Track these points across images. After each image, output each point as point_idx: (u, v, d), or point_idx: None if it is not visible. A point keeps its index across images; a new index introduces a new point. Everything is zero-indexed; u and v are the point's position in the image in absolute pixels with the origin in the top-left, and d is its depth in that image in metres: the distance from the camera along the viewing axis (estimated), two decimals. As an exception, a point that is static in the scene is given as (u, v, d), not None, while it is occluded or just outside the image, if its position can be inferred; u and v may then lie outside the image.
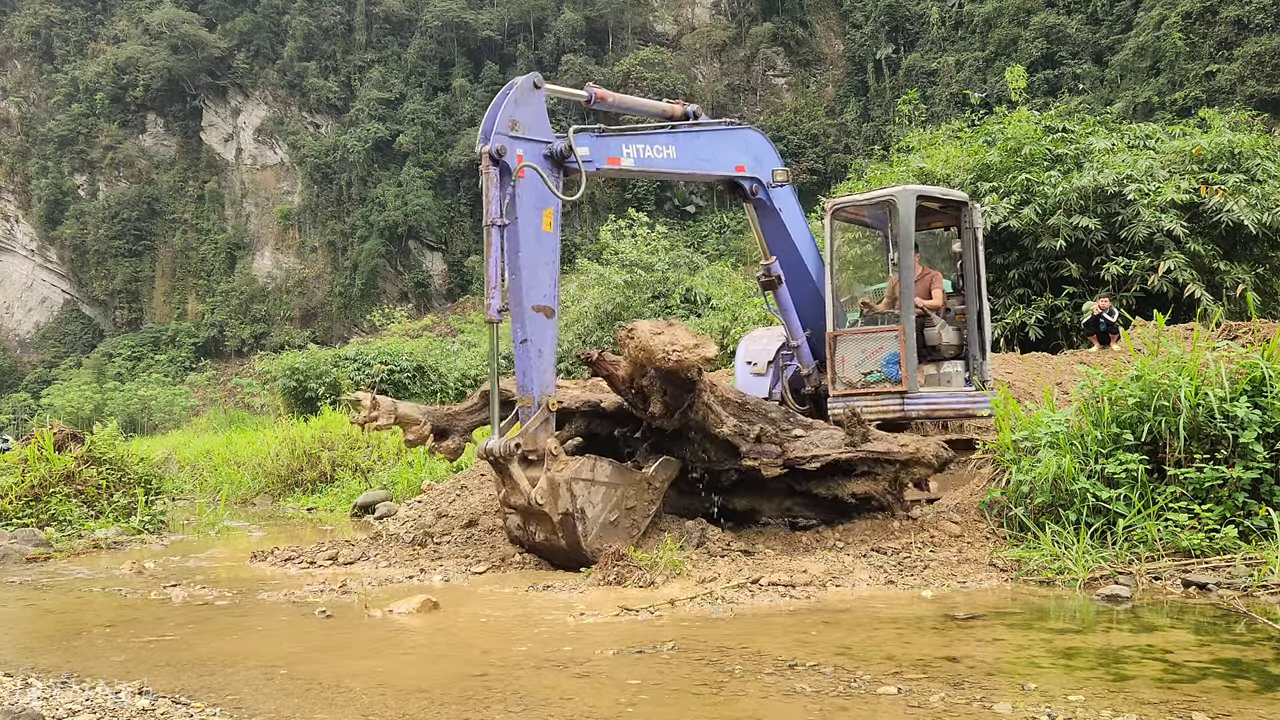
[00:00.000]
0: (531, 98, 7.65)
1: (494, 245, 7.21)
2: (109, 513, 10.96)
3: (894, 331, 8.84)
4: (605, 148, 8.05)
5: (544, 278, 7.52)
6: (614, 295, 23.87)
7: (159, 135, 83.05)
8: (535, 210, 7.46)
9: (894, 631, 4.82)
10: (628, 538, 7.25)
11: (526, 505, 7.09)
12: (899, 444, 7.12)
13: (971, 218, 9.43)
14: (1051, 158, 17.77)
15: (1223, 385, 6.26)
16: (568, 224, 67.98)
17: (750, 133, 9.26)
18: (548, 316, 7.49)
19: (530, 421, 7.22)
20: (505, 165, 7.32)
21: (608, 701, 3.72)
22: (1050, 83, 56.35)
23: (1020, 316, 16.47)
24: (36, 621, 6.03)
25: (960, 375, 9.29)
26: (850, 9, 76.13)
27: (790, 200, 9.40)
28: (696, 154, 8.73)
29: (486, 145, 7.36)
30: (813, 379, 9.55)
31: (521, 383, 7.46)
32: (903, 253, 8.92)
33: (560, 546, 7.14)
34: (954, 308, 9.64)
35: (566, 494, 7.00)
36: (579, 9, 76.68)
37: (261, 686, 4.10)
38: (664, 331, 6.87)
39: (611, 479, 7.30)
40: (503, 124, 7.40)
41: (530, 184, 7.42)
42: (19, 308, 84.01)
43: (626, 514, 7.35)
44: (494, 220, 7.21)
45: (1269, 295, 17.02)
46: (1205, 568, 5.67)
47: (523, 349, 7.44)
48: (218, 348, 75.48)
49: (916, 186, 9.47)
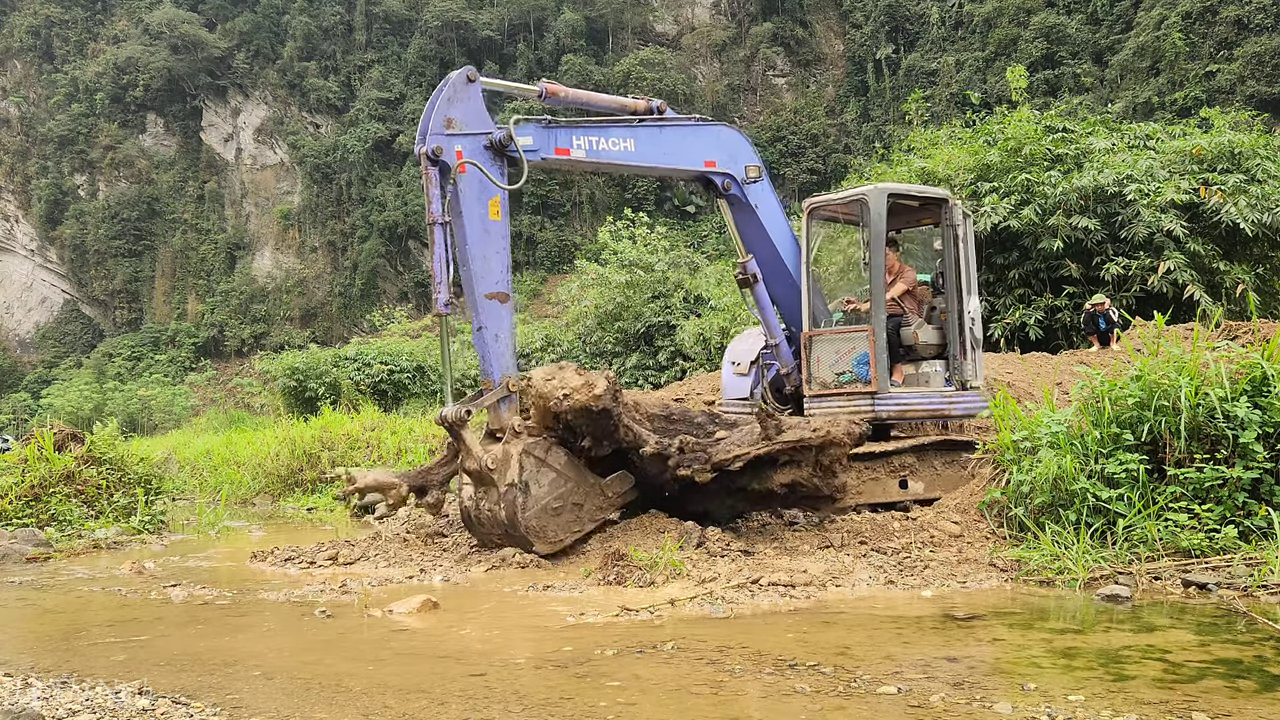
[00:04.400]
0: (466, 93, 7.70)
1: (438, 242, 7.34)
2: (109, 513, 10.95)
3: (864, 331, 8.77)
4: (553, 138, 8.04)
5: (495, 266, 7.67)
6: (614, 295, 23.85)
7: (159, 135, 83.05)
8: (480, 202, 7.59)
9: (894, 631, 4.82)
10: (567, 532, 7.38)
11: (478, 470, 7.26)
12: (811, 429, 7.26)
13: (952, 215, 9.29)
14: (1051, 158, 17.77)
15: (1223, 385, 6.26)
16: (567, 224, 68.10)
17: (724, 129, 9.18)
18: (502, 302, 7.66)
19: (488, 396, 7.45)
20: (444, 164, 7.44)
21: (608, 701, 3.72)
22: (1050, 83, 56.36)
23: (1020, 316, 16.47)
24: (36, 621, 6.03)
25: (940, 375, 9.18)
26: (850, 9, 76.12)
27: (768, 196, 9.29)
28: (660, 148, 8.66)
29: (423, 146, 7.47)
30: (792, 378, 9.45)
31: (482, 367, 7.68)
32: (873, 252, 8.81)
33: (500, 519, 7.27)
34: (938, 306, 9.53)
35: (516, 465, 7.18)
36: (579, 9, 76.69)
37: (261, 686, 4.10)
38: (554, 377, 7.26)
39: (565, 470, 7.44)
40: (437, 124, 7.50)
41: (471, 177, 7.56)
42: (19, 308, 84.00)
43: (572, 509, 7.45)
44: (435, 219, 7.36)
45: (1269, 295, 17.02)
46: (1205, 568, 5.67)
47: (480, 336, 7.64)
48: (218, 348, 75.48)
49: (889, 185, 9.39)
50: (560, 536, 7.38)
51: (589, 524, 7.59)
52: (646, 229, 24.97)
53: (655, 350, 22.74)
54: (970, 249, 9.58)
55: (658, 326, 22.92)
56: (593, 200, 69.93)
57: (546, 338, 26.22)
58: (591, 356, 24.40)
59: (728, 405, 10.12)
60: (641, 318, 23.18)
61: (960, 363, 9.17)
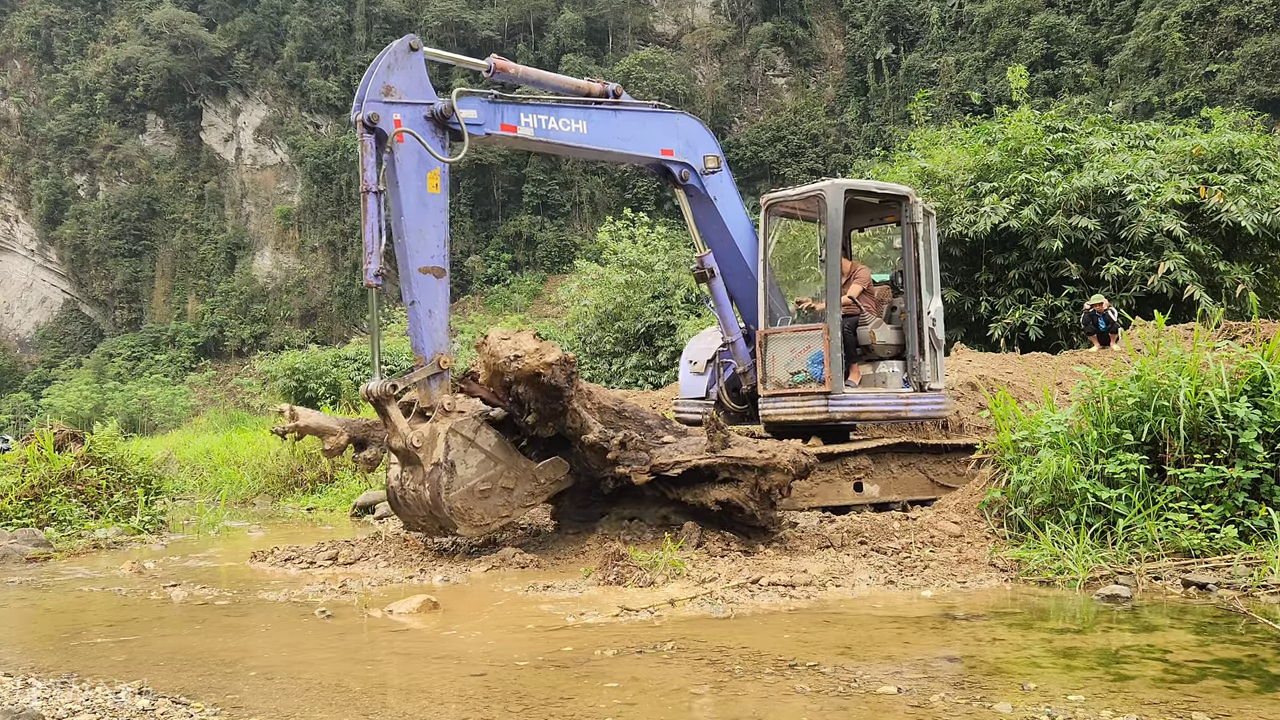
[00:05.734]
0: (408, 61, 7.45)
1: (371, 212, 7.14)
2: (109, 513, 10.95)
3: (819, 330, 8.60)
4: (499, 114, 7.81)
5: (431, 239, 7.43)
6: (614, 295, 23.86)
7: (159, 135, 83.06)
8: (418, 174, 7.35)
9: (894, 631, 4.82)
10: (494, 516, 7.17)
11: (405, 448, 7.04)
12: (757, 450, 6.98)
13: (912, 213, 9.11)
14: (1051, 158, 17.77)
15: (1223, 385, 6.26)
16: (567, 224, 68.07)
17: (683, 117, 8.97)
18: (437, 277, 7.44)
19: (418, 372, 7.24)
20: (380, 132, 7.23)
21: (608, 701, 3.72)
22: (1050, 83, 56.38)
23: (1020, 316, 16.47)
24: (36, 621, 6.03)
25: (897, 376, 9.04)
26: (850, 9, 76.13)
27: (727, 189, 9.10)
28: (614, 133, 8.43)
29: (359, 113, 7.22)
30: (749, 377, 9.26)
31: (414, 343, 7.44)
32: (829, 249, 8.66)
33: (424, 500, 7.06)
34: (898, 306, 9.37)
35: (443, 444, 6.95)
36: (579, 9, 76.71)
37: (261, 686, 4.10)
38: (509, 337, 6.98)
39: (495, 452, 7.19)
40: (375, 91, 7.26)
41: (409, 148, 7.31)
42: (19, 308, 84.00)
43: (501, 492, 7.20)
44: (369, 187, 7.14)
45: (1269, 295, 17.02)
46: (1205, 568, 5.67)
47: (412, 310, 7.40)
48: (218, 348, 75.50)
49: (847, 181, 9.16)
50: (486, 520, 7.16)
51: (518, 509, 7.35)
52: (646, 229, 24.98)
53: (655, 350, 22.75)
54: (932, 248, 9.38)
55: (658, 326, 22.92)
56: (593, 200, 69.92)
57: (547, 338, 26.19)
58: (591, 356, 24.41)
59: (684, 405, 9.90)
60: (641, 318, 23.17)
61: (918, 363, 8.99)
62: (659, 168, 8.92)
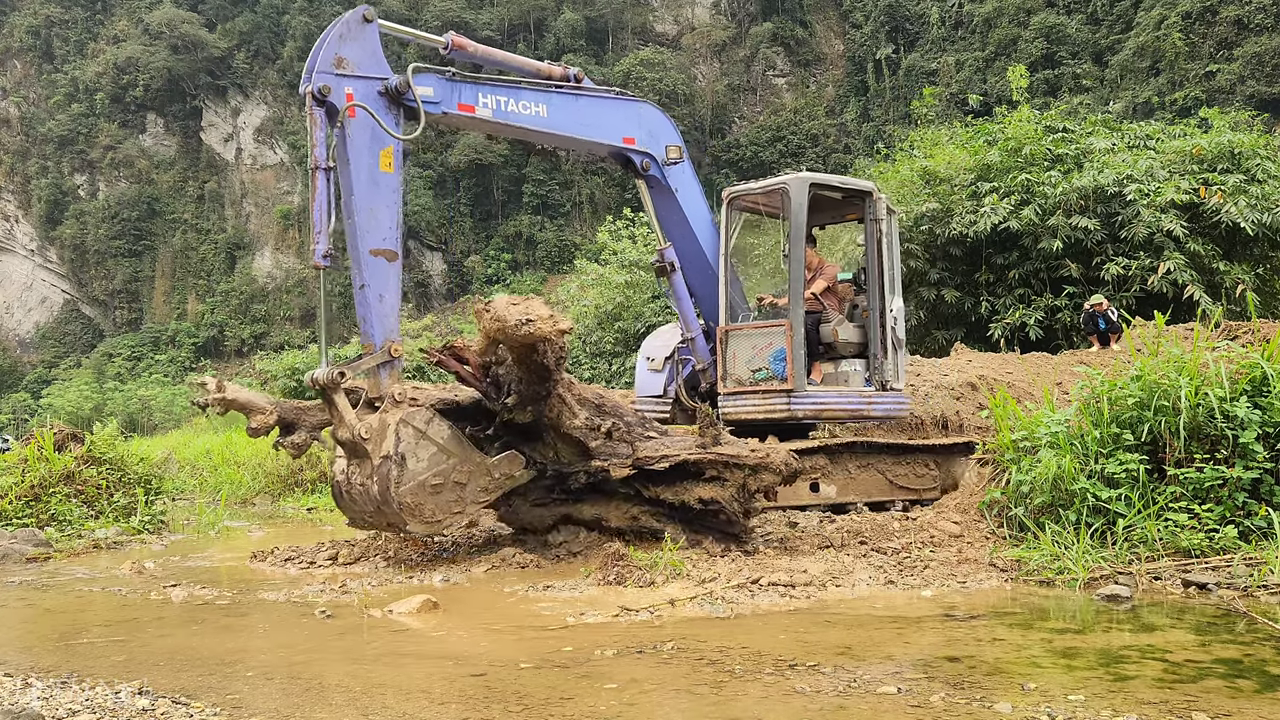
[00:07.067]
0: (361, 33, 7.12)
1: (320, 190, 6.89)
2: (109, 513, 10.95)
3: (782, 327, 8.48)
4: (457, 92, 7.56)
5: (384, 220, 7.13)
6: (614, 295, 23.87)
7: (159, 135, 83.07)
8: (369, 151, 7.04)
9: (894, 631, 4.82)
10: (446, 512, 6.83)
11: (351, 440, 6.73)
12: (749, 449, 6.79)
13: (876, 209, 8.99)
14: (1052, 158, 17.78)
15: (1223, 385, 6.26)
16: (567, 224, 68.03)
17: (645, 106, 8.83)
18: (389, 260, 7.13)
19: (367, 359, 6.94)
20: (331, 105, 6.91)
21: (608, 701, 3.72)
22: (1050, 83, 56.40)
23: (1020, 316, 16.48)
24: (36, 621, 6.03)
25: (860, 375, 8.94)
26: (850, 9, 76.13)
27: (688, 180, 8.93)
28: (575, 118, 8.20)
29: (308, 85, 6.90)
30: (708, 375, 9.10)
31: (363, 329, 7.12)
32: (793, 244, 8.56)
33: (372, 494, 6.74)
34: (860, 304, 9.25)
35: (393, 436, 6.61)
36: (579, 9, 76.70)
37: (261, 686, 4.10)
38: (519, 303, 6.48)
39: (448, 445, 6.85)
40: (326, 62, 6.93)
41: (362, 124, 6.98)
42: (19, 308, 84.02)
43: (454, 487, 6.87)
44: (318, 164, 6.86)
45: (1269, 295, 17.04)
46: (1205, 568, 5.67)
47: (362, 295, 7.08)
48: (218, 348, 75.51)
49: (811, 174, 9.01)
50: (438, 517, 6.84)
51: (471, 506, 7.03)
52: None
53: (655, 350, 22.72)
54: (895, 245, 9.26)
55: (658, 327, 22.93)
56: (593, 200, 69.93)
57: (546, 338, 26.16)
58: (592, 356, 24.42)
59: (641, 404, 9.66)
60: (642, 318, 23.16)
61: (881, 362, 8.91)
62: (620, 156, 8.72)
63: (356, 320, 7.23)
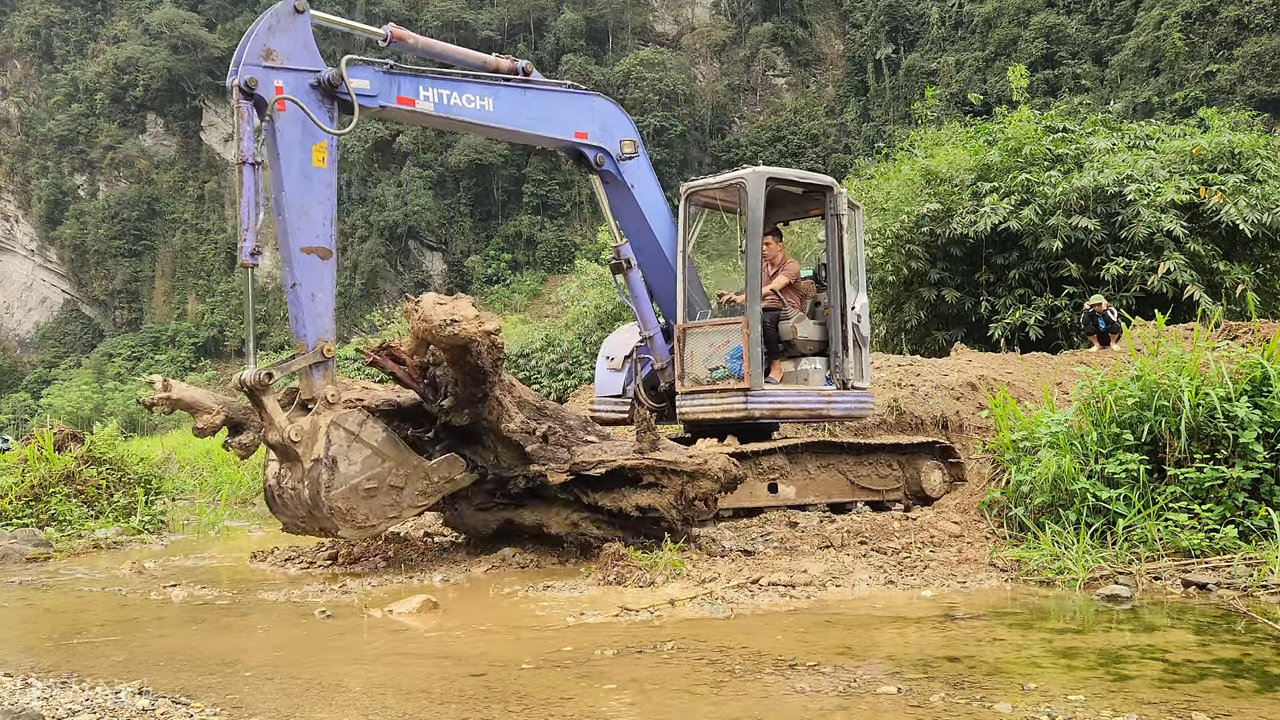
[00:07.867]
0: (291, 24, 6.91)
1: (247, 185, 6.66)
2: (109, 513, 10.95)
3: (739, 324, 8.35)
4: (395, 86, 7.35)
5: (316, 217, 6.96)
6: (614, 295, 23.86)
7: (159, 135, 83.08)
8: (301, 146, 6.85)
9: (894, 631, 4.82)
10: (381, 517, 6.66)
11: (282, 443, 6.55)
12: (687, 455, 6.62)
13: (836, 204, 8.85)
14: (1052, 158, 17.80)
15: (1223, 385, 6.26)
16: (567, 224, 67.92)
17: (597, 99, 8.63)
18: (322, 258, 6.99)
19: (298, 360, 6.77)
20: (259, 98, 6.71)
21: (608, 701, 3.72)
22: (1050, 83, 56.41)
23: (1020, 316, 16.49)
24: (36, 621, 6.03)
25: (820, 373, 8.80)
26: (850, 9, 76.14)
27: (644, 175, 8.77)
28: (523, 112, 8.00)
29: (235, 78, 6.68)
30: (667, 374, 8.94)
31: (294, 329, 6.93)
32: (750, 240, 8.43)
33: (303, 499, 6.58)
34: (822, 301, 9.13)
35: (324, 438, 6.45)
36: (579, 9, 76.70)
37: (261, 686, 4.10)
38: (446, 303, 6.33)
39: (382, 447, 6.67)
40: (254, 54, 6.73)
41: (292, 118, 6.78)
42: (19, 308, 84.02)
43: (389, 491, 6.69)
44: (244, 158, 6.64)
45: (1269, 295, 17.04)
46: (1205, 568, 5.67)
47: (294, 294, 6.91)
48: (218, 348, 75.51)
49: (769, 169, 8.84)
50: (372, 522, 6.67)
51: (409, 510, 6.87)
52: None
53: (655, 350, 22.70)
54: (858, 240, 9.14)
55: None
56: (593, 200, 69.88)
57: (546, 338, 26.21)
58: (591, 356, 24.40)
59: (600, 404, 9.53)
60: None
61: (841, 361, 8.78)
62: (573, 151, 8.54)
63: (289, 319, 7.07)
